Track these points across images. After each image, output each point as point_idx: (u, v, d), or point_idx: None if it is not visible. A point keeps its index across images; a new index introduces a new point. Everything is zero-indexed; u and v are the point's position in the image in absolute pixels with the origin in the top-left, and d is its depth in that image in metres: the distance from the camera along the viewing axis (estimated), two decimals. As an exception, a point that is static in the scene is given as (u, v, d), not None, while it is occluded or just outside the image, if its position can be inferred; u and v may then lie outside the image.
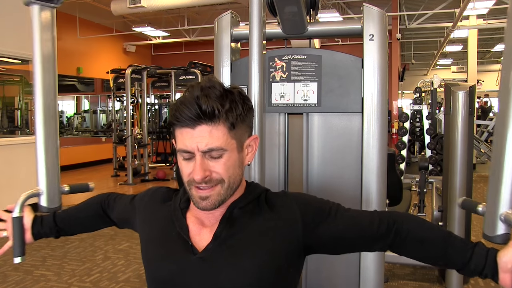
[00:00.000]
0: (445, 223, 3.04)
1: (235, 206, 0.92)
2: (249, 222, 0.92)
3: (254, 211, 0.93)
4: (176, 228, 0.94)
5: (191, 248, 0.90)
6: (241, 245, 0.89)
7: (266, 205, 0.93)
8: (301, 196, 0.98)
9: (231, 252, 0.88)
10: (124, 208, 1.13)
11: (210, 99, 0.82)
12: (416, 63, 16.38)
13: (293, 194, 0.97)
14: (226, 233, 0.90)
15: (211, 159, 0.85)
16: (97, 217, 1.19)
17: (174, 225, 0.94)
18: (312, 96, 1.76)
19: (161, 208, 1.00)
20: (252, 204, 0.94)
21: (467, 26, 9.30)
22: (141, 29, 10.56)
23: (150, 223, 1.01)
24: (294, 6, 1.62)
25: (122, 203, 1.15)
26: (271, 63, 1.80)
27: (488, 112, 11.93)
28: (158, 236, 0.97)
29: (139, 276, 3.38)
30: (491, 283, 3.26)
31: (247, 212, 0.93)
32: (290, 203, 0.93)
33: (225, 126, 0.84)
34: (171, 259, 0.92)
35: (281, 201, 0.94)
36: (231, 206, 0.92)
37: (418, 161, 4.73)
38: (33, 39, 1.33)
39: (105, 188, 7.41)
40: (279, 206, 0.93)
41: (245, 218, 0.92)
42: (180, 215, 0.95)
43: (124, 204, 1.13)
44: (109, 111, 10.99)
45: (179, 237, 0.92)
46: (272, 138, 1.83)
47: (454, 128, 2.75)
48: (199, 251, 0.90)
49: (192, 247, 0.90)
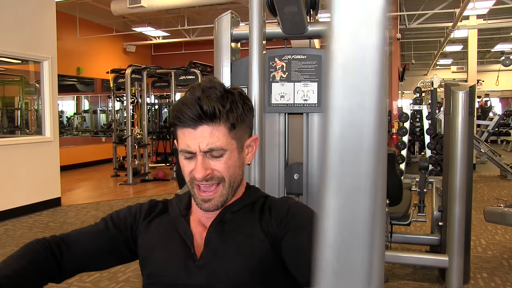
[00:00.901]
0: (445, 223, 3.04)
1: (228, 211, 0.93)
2: (238, 226, 0.91)
3: (246, 216, 0.93)
4: (181, 234, 0.93)
5: (192, 256, 0.91)
6: (230, 251, 0.89)
7: (260, 210, 0.93)
8: (293, 203, 0.94)
9: (221, 258, 0.89)
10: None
11: (211, 99, 0.83)
12: (416, 63, 16.38)
13: (288, 201, 0.95)
14: (216, 237, 0.91)
15: (212, 159, 0.86)
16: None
17: (178, 232, 0.94)
18: (312, 96, 1.76)
19: (159, 218, 0.99)
20: (246, 208, 0.94)
21: (467, 26, 9.30)
22: (141, 29, 10.56)
23: (152, 232, 0.98)
24: (294, 6, 1.62)
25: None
26: (271, 63, 1.80)
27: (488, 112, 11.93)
28: (159, 244, 0.95)
29: (139, 276, 3.37)
30: (491, 283, 3.26)
31: (238, 217, 0.92)
32: (280, 207, 0.92)
33: (225, 126, 0.85)
34: (173, 264, 0.91)
35: (275, 206, 0.93)
36: (224, 210, 0.92)
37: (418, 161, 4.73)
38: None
39: (105, 188, 7.41)
40: (272, 210, 0.92)
41: (235, 223, 0.92)
42: (183, 221, 0.95)
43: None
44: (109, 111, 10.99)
45: (183, 243, 0.92)
46: (272, 138, 1.83)
47: (454, 128, 2.75)
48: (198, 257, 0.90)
49: (193, 255, 0.90)
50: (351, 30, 0.30)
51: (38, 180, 5.57)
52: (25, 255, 0.88)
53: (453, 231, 2.84)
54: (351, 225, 0.33)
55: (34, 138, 5.95)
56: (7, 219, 5.03)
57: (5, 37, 5.11)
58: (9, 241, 4.30)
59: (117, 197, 6.58)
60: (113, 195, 6.81)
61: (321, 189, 0.32)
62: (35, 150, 5.54)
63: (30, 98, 8.49)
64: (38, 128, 6.01)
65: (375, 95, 0.31)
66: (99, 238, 0.96)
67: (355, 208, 0.33)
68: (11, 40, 5.18)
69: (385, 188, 1.18)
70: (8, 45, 5.17)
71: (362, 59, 0.30)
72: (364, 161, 0.33)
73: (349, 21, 0.31)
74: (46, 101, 5.68)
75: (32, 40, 5.44)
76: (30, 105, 8.51)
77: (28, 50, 5.41)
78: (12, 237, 4.42)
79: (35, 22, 5.50)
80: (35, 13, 5.51)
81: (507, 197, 5.76)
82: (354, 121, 0.30)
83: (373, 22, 0.30)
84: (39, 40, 5.54)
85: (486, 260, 3.76)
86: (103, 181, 8.12)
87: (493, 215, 3.52)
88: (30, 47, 5.41)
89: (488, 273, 3.44)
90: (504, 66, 8.68)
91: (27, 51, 5.42)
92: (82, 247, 0.95)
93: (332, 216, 0.32)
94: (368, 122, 0.30)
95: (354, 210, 0.33)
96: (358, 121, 0.30)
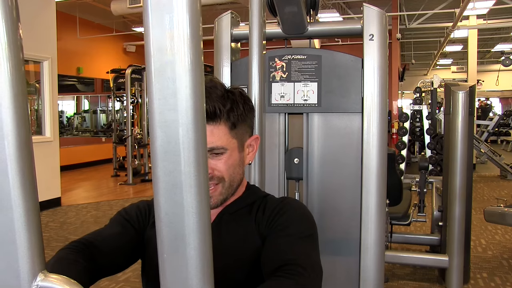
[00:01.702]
0: (445, 223, 3.04)
1: (226, 212, 0.92)
2: (236, 228, 0.91)
3: (244, 217, 0.92)
4: None
5: None
6: (228, 253, 0.89)
7: (258, 210, 0.92)
8: (287, 205, 0.92)
9: (220, 260, 0.88)
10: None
11: (211, 99, 0.83)
12: (416, 63, 16.38)
13: (284, 201, 0.94)
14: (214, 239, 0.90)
15: (213, 158, 0.86)
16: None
17: None
18: (312, 96, 1.76)
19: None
20: (244, 209, 0.93)
21: (467, 26, 9.30)
22: (141, 29, 10.53)
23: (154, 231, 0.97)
24: (294, 6, 1.62)
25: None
26: (271, 63, 1.80)
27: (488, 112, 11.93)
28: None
29: (139, 276, 3.37)
30: (491, 283, 3.26)
31: (237, 218, 0.92)
32: (273, 208, 0.91)
33: (226, 125, 0.85)
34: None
35: (269, 206, 0.92)
36: (222, 212, 0.92)
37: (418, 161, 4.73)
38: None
39: (105, 188, 7.41)
40: (265, 210, 0.91)
41: (233, 224, 0.91)
42: None
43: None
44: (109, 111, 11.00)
45: None
46: (272, 138, 1.83)
47: (454, 128, 2.75)
48: None
49: None
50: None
51: (38, 180, 5.47)
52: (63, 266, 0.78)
53: (453, 231, 2.84)
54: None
55: (34, 138, 5.95)
56: (7, 219, 5.02)
57: (5, 37, 5.10)
58: (9, 241, 4.30)
59: (117, 197, 6.58)
60: (113, 195, 6.81)
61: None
62: (35, 150, 5.47)
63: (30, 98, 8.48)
64: (38, 128, 6.01)
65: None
66: (122, 237, 0.92)
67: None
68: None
69: (385, 188, 1.20)
70: (8, 45, 5.16)
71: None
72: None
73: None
74: (46, 101, 5.68)
75: (32, 40, 5.44)
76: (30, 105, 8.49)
77: (28, 50, 5.41)
78: (12, 237, 4.42)
79: (35, 22, 5.50)
80: (35, 13, 5.51)
81: (507, 197, 5.77)
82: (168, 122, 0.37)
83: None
84: (39, 40, 5.54)
85: (486, 260, 3.76)
86: (103, 181, 8.12)
87: (493, 215, 3.52)
88: (30, 47, 5.41)
89: (488, 273, 3.44)
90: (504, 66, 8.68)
91: (27, 51, 5.39)
92: (104, 252, 0.87)
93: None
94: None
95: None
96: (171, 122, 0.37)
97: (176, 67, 0.36)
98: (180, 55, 0.36)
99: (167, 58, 0.36)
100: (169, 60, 0.36)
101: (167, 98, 0.36)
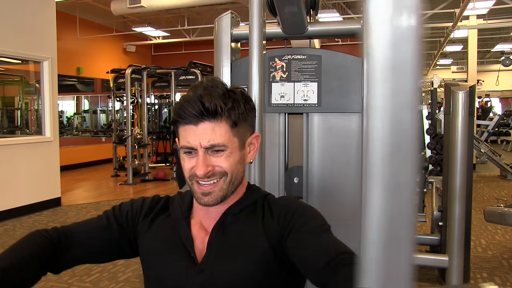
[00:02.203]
0: (445, 223, 3.04)
1: (229, 213, 0.92)
2: (241, 228, 0.91)
3: (248, 217, 0.92)
4: (181, 238, 0.92)
5: (193, 260, 0.90)
6: (234, 253, 0.88)
7: (261, 210, 0.92)
8: (292, 203, 0.94)
9: (225, 261, 0.88)
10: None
11: (213, 97, 0.83)
12: (416, 63, 16.34)
13: (287, 200, 0.95)
14: (219, 241, 0.90)
15: (213, 155, 0.86)
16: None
17: (179, 234, 0.93)
18: (312, 96, 1.76)
19: (160, 217, 0.98)
20: (247, 209, 0.93)
21: (467, 26, 9.30)
22: (141, 29, 10.56)
23: (153, 233, 0.97)
24: (294, 6, 1.62)
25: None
26: (271, 63, 1.80)
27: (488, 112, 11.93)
28: (160, 247, 0.94)
29: (139, 276, 3.38)
30: (491, 283, 3.26)
31: (240, 218, 0.92)
32: (280, 208, 0.91)
33: (227, 123, 0.85)
34: (175, 269, 0.91)
35: (275, 206, 0.92)
36: (225, 213, 0.92)
37: (418, 161, 4.73)
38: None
39: (105, 188, 7.42)
40: (272, 211, 0.91)
41: (238, 225, 0.91)
42: (184, 224, 0.94)
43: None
44: (109, 111, 11.00)
45: (184, 247, 0.92)
46: (272, 138, 1.83)
47: (454, 128, 2.75)
48: (199, 262, 0.89)
49: (194, 258, 0.90)
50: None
51: (38, 180, 5.57)
52: (25, 247, 0.88)
53: (453, 231, 2.84)
54: (397, 222, 0.33)
55: (34, 138, 5.95)
56: (7, 219, 5.03)
57: (5, 37, 5.11)
58: (9, 241, 4.30)
59: (117, 197, 6.58)
60: (113, 195, 6.81)
61: (362, 188, 0.33)
62: (35, 150, 5.54)
63: (30, 98, 8.50)
64: (38, 128, 6.01)
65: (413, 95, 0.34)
66: (101, 234, 0.96)
67: (400, 204, 0.34)
68: (11, 40, 5.18)
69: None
70: (8, 45, 5.17)
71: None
72: (408, 158, 0.34)
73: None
74: (46, 101, 5.68)
75: (32, 40, 5.44)
76: (30, 105, 8.52)
77: (28, 50, 5.41)
78: (12, 237, 4.42)
79: (35, 22, 5.50)
80: (35, 13, 5.50)
81: (507, 197, 5.76)
82: (396, 120, 0.32)
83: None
84: (39, 40, 5.54)
85: (486, 260, 3.76)
86: (103, 181, 8.12)
87: (493, 215, 3.52)
88: (30, 47, 5.41)
89: (488, 273, 3.44)
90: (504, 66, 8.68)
91: (27, 51, 5.42)
92: (82, 242, 0.94)
93: (377, 213, 0.33)
94: (410, 120, 0.33)
95: (399, 206, 0.34)
96: (400, 119, 0.32)
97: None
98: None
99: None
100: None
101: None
